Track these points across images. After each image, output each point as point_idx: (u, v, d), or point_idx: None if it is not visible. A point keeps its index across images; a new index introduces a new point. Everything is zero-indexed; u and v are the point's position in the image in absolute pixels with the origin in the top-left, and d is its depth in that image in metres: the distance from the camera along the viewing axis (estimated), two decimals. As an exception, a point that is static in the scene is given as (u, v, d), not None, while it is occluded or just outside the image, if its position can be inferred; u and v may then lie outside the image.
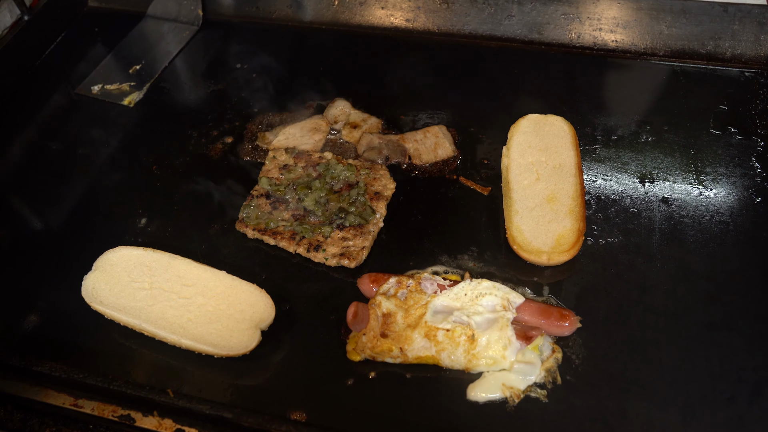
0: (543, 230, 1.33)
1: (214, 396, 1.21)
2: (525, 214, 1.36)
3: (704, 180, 1.46)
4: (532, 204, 1.37)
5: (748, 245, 1.34)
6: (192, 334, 1.24)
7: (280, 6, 1.96)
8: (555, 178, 1.40)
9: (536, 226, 1.34)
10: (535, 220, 1.34)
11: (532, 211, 1.36)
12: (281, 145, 1.60)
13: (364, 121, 1.64)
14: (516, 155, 1.45)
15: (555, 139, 1.47)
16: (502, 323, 1.19)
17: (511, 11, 1.83)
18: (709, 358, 1.20)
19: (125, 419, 1.19)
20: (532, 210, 1.36)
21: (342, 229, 1.39)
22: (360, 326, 1.23)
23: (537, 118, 1.52)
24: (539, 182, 1.40)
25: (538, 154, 1.45)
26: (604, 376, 1.19)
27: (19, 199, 1.59)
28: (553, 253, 1.30)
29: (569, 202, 1.36)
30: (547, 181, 1.40)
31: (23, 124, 1.76)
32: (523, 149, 1.46)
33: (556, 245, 1.31)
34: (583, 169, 1.49)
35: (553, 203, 1.36)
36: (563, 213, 1.35)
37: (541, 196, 1.38)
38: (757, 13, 1.69)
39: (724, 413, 1.13)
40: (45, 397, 1.23)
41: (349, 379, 1.21)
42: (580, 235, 1.32)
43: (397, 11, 1.90)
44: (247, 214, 1.44)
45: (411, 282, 1.26)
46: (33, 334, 1.33)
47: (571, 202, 1.36)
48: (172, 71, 1.86)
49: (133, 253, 1.35)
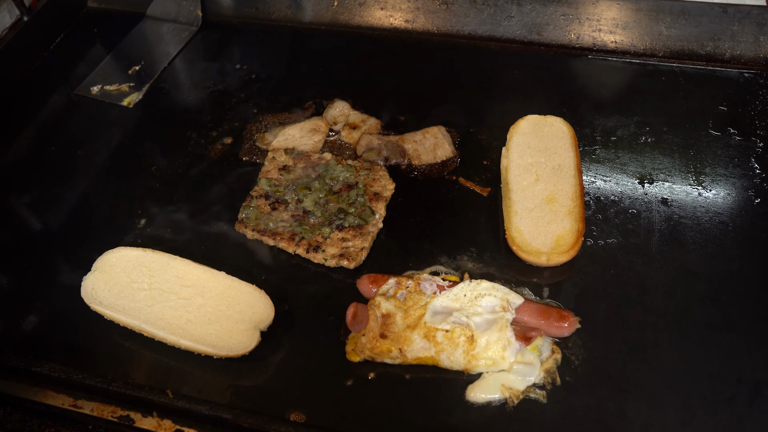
0: (542, 231, 1.33)
1: (214, 397, 1.21)
2: (524, 215, 1.35)
3: (703, 181, 1.46)
4: (532, 205, 1.37)
5: (748, 246, 1.34)
6: (191, 334, 1.24)
7: (279, 7, 1.96)
8: (554, 179, 1.40)
9: (535, 227, 1.34)
10: (534, 221, 1.34)
11: (531, 212, 1.36)
12: (280, 145, 1.60)
13: (363, 122, 1.64)
14: (515, 156, 1.45)
15: (554, 140, 1.47)
16: (502, 324, 1.19)
17: (511, 12, 1.83)
18: (709, 358, 1.20)
19: (125, 420, 1.19)
20: (532, 211, 1.36)
21: (341, 229, 1.39)
22: (359, 327, 1.23)
23: (536, 119, 1.52)
24: (538, 183, 1.40)
25: (537, 155, 1.45)
26: (604, 376, 1.19)
27: (19, 200, 1.59)
28: (552, 254, 1.30)
29: (568, 203, 1.36)
30: (546, 182, 1.40)
31: (22, 125, 1.76)
32: (523, 150, 1.46)
33: (556, 246, 1.31)
34: (583, 169, 1.49)
35: (552, 204, 1.36)
36: (562, 214, 1.35)
37: (540, 197, 1.38)
38: (757, 14, 1.69)
39: (723, 414, 1.13)
40: (44, 397, 1.22)
41: (349, 380, 1.21)
42: (579, 236, 1.31)
43: (396, 12, 1.90)
44: (246, 214, 1.44)
45: (410, 283, 1.26)
46: (32, 334, 1.33)
47: (570, 203, 1.36)
48: (171, 72, 1.86)
49: (132, 253, 1.35)
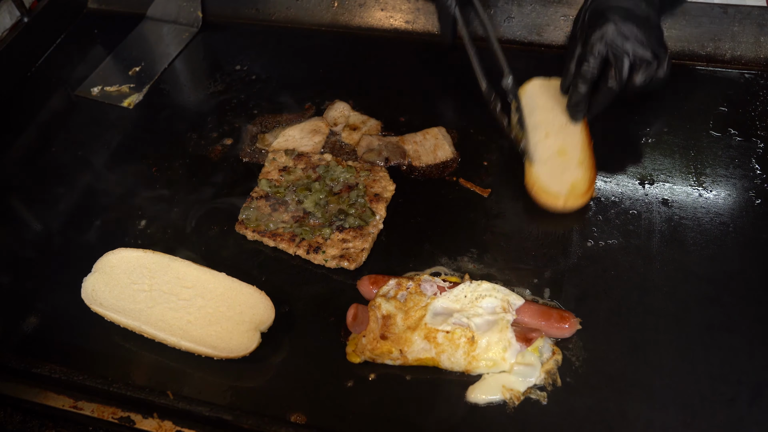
0: (558, 179, 1.41)
1: (214, 398, 1.20)
2: (539, 166, 1.44)
3: (704, 182, 1.46)
4: (545, 157, 1.46)
5: (748, 247, 1.34)
6: (192, 335, 1.24)
7: (279, 8, 1.96)
8: (563, 135, 1.49)
9: (551, 176, 1.42)
10: (549, 171, 1.43)
11: (545, 163, 1.45)
12: (281, 146, 1.60)
13: (363, 123, 1.64)
14: (525, 114, 1.54)
15: (561, 100, 1.55)
16: (502, 325, 1.19)
17: (511, 13, 1.83)
18: (710, 359, 1.20)
19: (125, 421, 1.19)
20: (546, 162, 1.45)
21: (342, 230, 1.39)
22: (360, 328, 1.23)
23: (542, 81, 1.60)
24: (549, 138, 1.48)
25: (545, 114, 1.53)
26: (604, 377, 1.19)
27: (19, 201, 1.59)
28: (569, 198, 1.39)
29: (578, 155, 1.45)
30: (555, 137, 1.49)
31: (22, 126, 1.76)
32: (531, 109, 1.54)
33: (571, 191, 1.39)
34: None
35: (564, 156, 1.45)
36: (574, 164, 1.43)
37: (552, 150, 1.46)
38: (757, 14, 1.69)
39: (724, 415, 1.13)
40: (44, 399, 1.22)
41: (349, 381, 1.21)
42: (592, 183, 1.41)
43: (396, 13, 1.90)
44: (246, 215, 1.44)
45: (411, 284, 1.26)
46: (32, 336, 1.33)
47: (580, 155, 1.45)
48: (171, 73, 1.86)
49: (132, 254, 1.35)
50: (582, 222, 1.41)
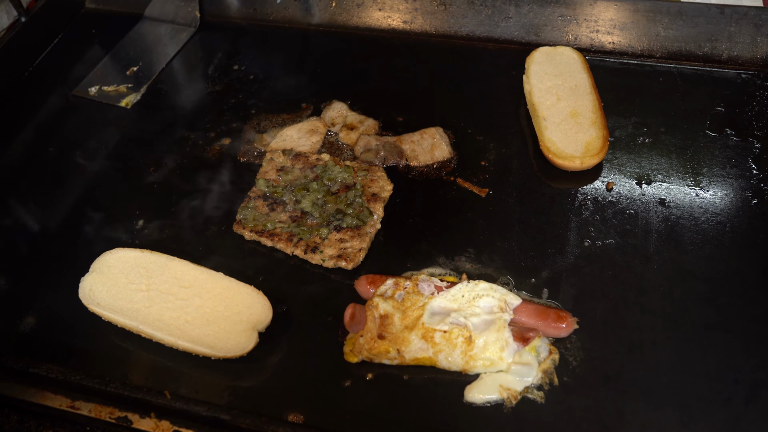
0: (572, 140, 1.48)
1: (212, 398, 1.20)
2: (554, 129, 1.51)
3: (701, 182, 1.46)
4: (558, 119, 1.53)
5: (745, 246, 1.35)
6: (189, 335, 1.24)
7: (277, 8, 1.96)
8: (574, 97, 1.57)
9: (565, 137, 1.49)
10: (563, 133, 1.50)
11: (559, 125, 1.52)
12: (278, 146, 1.60)
13: (361, 123, 1.64)
14: (536, 81, 1.62)
15: (567, 65, 1.64)
16: (500, 325, 1.19)
17: (509, 13, 1.83)
18: (706, 359, 1.20)
19: (122, 421, 1.18)
20: (559, 124, 1.52)
21: (339, 230, 1.39)
22: (357, 328, 1.23)
23: (548, 49, 1.69)
24: (560, 102, 1.56)
25: (554, 79, 1.61)
26: (601, 377, 1.19)
27: (16, 201, 1.59)
28: (585, 158, 1.45)
29: (590, 115, 1.52)
30: (567, 100, 1.56)
31: (20, 126, 1.76)
32: (541, 76, 1.62)
33: (586, 151, 1.46)
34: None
35: (576, 118, 1.52)
36: (587, 125, 1.51)
37: (564, 113, 1.54)
38: (754, 15, 1.69)
39: (721, 414, 1.13)
40: (42, 398, 1.22)
41: (347, 381, 1.21)
42: (605, 141, 1.47)
43: (394, 13, 1.90)
44: (244, 215, 1.44)
45: (408, 283, 1.26)
46: (30, 335, 1.33)
47: (592, 115, 1.52)
48: (169, 73, 1.86)
49: (130, 254, 1.35)
50: (579, 222, 1.41)
